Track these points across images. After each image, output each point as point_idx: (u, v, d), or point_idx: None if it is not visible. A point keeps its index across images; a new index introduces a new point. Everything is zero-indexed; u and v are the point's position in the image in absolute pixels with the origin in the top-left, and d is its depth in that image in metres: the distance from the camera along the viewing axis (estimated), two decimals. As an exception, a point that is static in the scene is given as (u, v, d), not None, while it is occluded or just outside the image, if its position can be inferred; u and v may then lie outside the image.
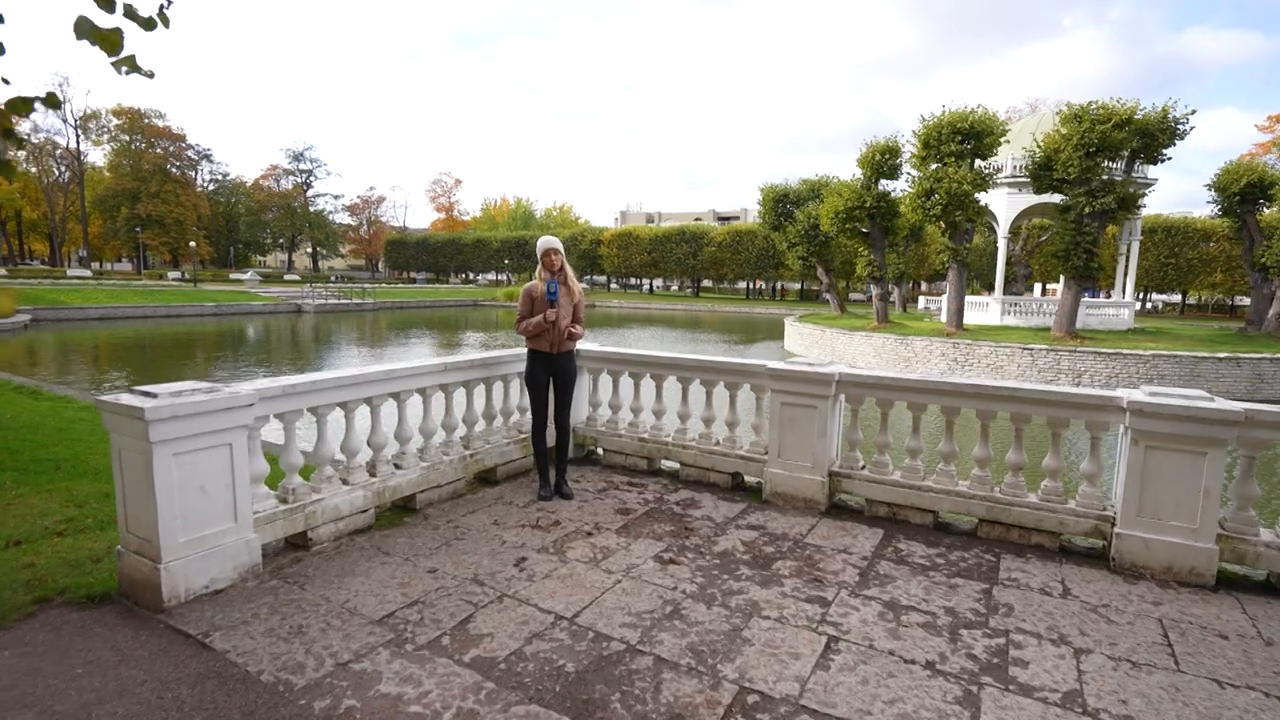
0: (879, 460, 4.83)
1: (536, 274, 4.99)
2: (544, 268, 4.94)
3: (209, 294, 47.44)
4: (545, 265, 4.93)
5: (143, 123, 70.37)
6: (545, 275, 4.94)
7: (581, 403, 6.15)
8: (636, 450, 5.82)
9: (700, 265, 66.32)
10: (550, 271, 4.94)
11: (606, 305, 62.48)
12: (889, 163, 25.80)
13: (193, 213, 72.14)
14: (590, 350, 5.97)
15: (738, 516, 4.81)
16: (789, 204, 35.93)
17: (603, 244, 69.63)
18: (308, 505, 3.97)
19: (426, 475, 4.76)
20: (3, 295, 33.11)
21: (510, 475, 5.56)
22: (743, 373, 5.30)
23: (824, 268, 36.10)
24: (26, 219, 72.39)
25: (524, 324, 4.95)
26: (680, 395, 5.68)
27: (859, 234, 27.66)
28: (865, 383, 4.78)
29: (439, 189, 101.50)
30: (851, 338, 25.38)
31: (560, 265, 4.97)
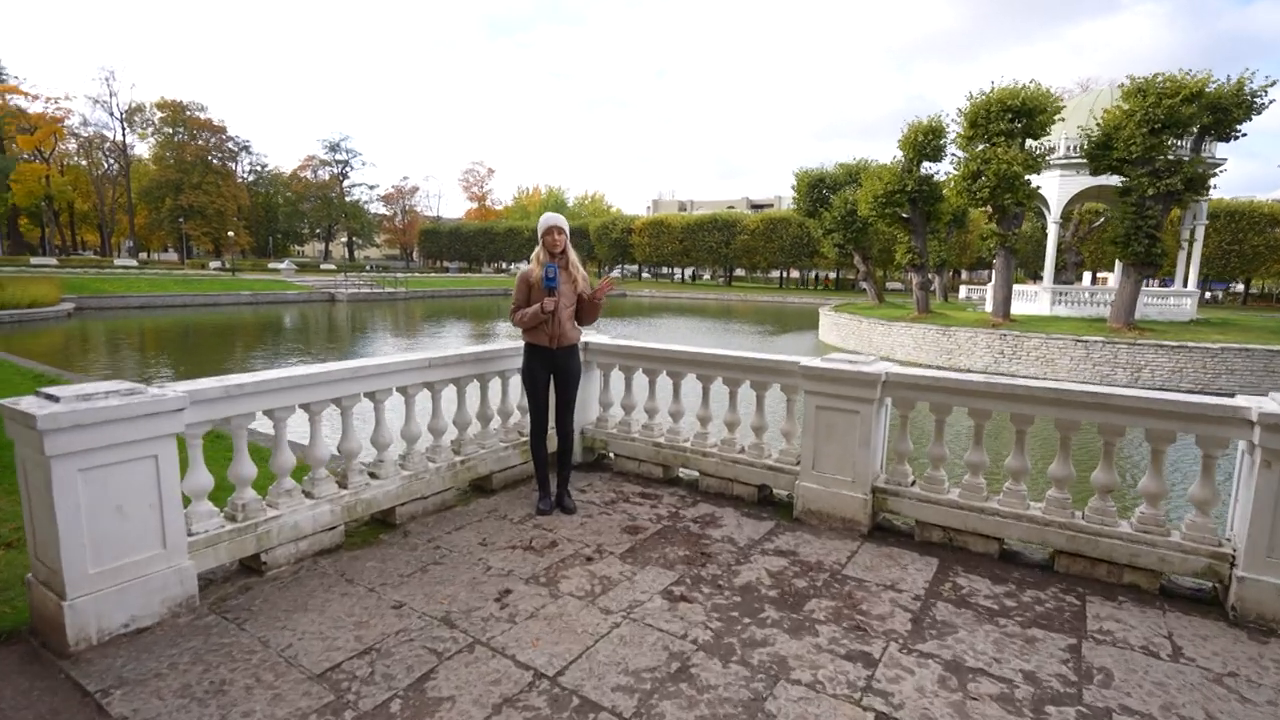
0: (933, 476, 4.09)
1: (534, 257, 4.35)
2: (544, 249, 4.31)
3: (246, 283, 48.17)
4: (546, 246, 4.30)
5: (185, 115, 71.82)
6: (544, 258, 4.31)
7: (591, 402, 5.53)
8: (651, 456, 5.17)
9: (732, 254, 65.11)
10: (551, 253, 4.30)
11: (637, 294, 61.81)
12: (932, 144, 24.48)
13: (233, 203, 73.59)
14: (600, 343, 5.32)
15: (764, 538, 4.13)
16: (825, 189, 34.71)
17: (634, 232, 68.87)
18: (260, 524, 3.42)
19: (408, 486, 4.19)
20: (47, 284, 34.01)
21: (508, 484, 4.96)
22: (772, 370, 4.60)
23: (861, 255, 34.83)
24: (78, 210, 74.73)
25: (519, 314, 4.33)
26: (701, 395, 5.00)
27: (899, 219, 26.42)
28: (918, 384, 4.04)
29: (471, 178, 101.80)
30: (890, 328, 24.26)
31: (563, 247, 4.33)
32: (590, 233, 72.78)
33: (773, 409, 4.87)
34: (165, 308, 39.12)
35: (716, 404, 5.01)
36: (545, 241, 4.29)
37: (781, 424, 4.70)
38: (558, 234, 4.29)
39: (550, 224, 4.29)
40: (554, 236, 4.28)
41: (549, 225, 4.29)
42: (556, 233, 4.29)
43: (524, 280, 4.34)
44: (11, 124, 64.40)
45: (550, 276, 4.19)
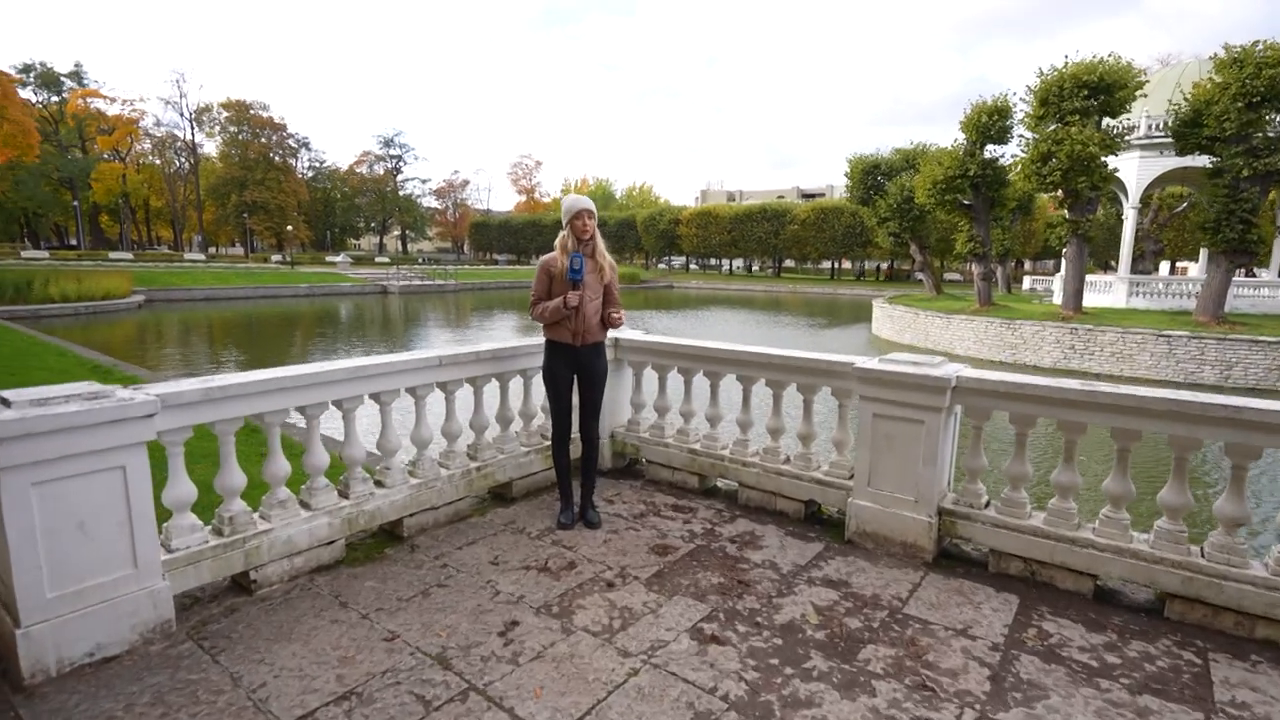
0: (1011, 498, 3.50)
1: (558, 243, 3.93)
2: (571, 234, 3.88)
3: (303, 276, 49.65)
4: (575, 232, 3.87)
5: (249, 114, 74.49)
6: (571, 245, 3.88)
7: (622, 403, 5.10)
8: (686, 465, 4.71)
9: (782, 244, 63.66)
10: (578, 240, 3.87)
11: (685, 286, 61.12)
12: (998, 125, 23.02)
13: (293, 198, 76.07)
14: (631, 339, 4.88)
15: (811, 564, 3.62)
16: (880, 175, 33.32)
17: (681, 223, 68.07)
18: (249, 539, 3.12)
19: (416, 495, 3.85)
20: (120, 277, 35.64)
21: (529, 492, 4.58)
22: (822, 372, 4.07)
23: (918, 245, 33.33)
24: (153, 207, 78.55)
25: (539, 308, 3.92)
26: (741, 398, 4.51)
27: (960, 206, 25.02)
28: (996, 391, 3.44)
29: (520, 171, 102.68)
30: (949, 321, 23.03)
31: (592, 233, 3.89)
32: (637, 224, 72.36)
33: (822, 415, 4.35)
34: (228, 300, 40.59)
35: (758, 408, 4.51)
36: (574, 227, 3.86)
37: (832, 433, 4.16)
38: (588, 218, 3.85)
39: (579, 207, 3.85)
40: (584, 221, 3.84)
41: (578, 209, 3.85)
42: (587, 217, 3.85)
43: (545, 270, 3.93)
44: (92, 126, 68.10)
45: (576, 268, 3.76)
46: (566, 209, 3.88)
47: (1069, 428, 3.33)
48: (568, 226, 3.88)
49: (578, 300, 3.78)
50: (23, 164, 52.18)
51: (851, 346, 24.35)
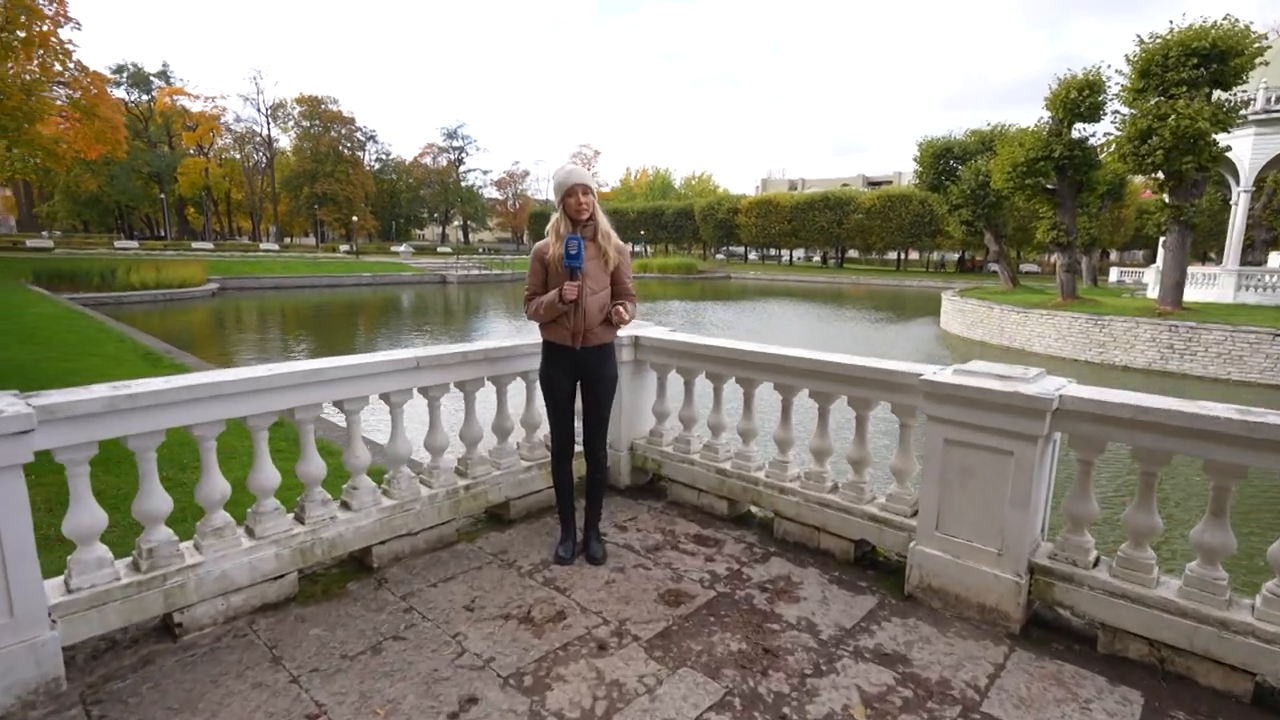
0: (1133, 557, 2.65)
1: (550, 227, 3.28)
2: (564, 214, 3.23)
3: (367, 265, 50.98)
4: (568, 212, 3.21)
5: (320, 108, 77.10)
6: (565, 228, 3.22)
7: (643, 411, 4.43)
8: (713, 486, 4.01)
9: (845, 234, 61.30)
10: (574, 221, 3.22)
11: (742, 277, 59.72)
12: (1088, 101, 20.98)
13: (361, 190, 78.45)
14: (653, 338, 4.20)
15: (860, 627, 2.87)
16: (952, 160, 31.29)
17: (740, 212, 66.47)
18: (172, 575, 2.62)
19: (389, 520, 3.29)
20: (196, 266, 37.35)
21: (530, 513, 3.98)
22: (879, 383, 3.28)
23: (993, 234, 31.17)
24: (233, 199, 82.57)
25: (533, 304, 3.29)
26: (780, 410, 3.76)
27: (1042, 191, 23.06)
28: (1116, 416, 2.59)
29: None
30: (1027, 317, 21.26)
31: (590, 213, 3.23)
32: (695, 213, 71.18)
33: (879, 435, 3.55)
34: (295, 288, 42.00)
35: (801, 424, 3.77)
36: (566, 206, 3.21)
37: (891, 459, 3.38)
38: (582, 195, 3.19)
39: (571, 182, 3.18)
40: (578, 199, 3.18)
41: (569, 184, 3.19)
42: (581, 193, 3.19)
43: (538, 259, 3.29)
44: (178, 122, 71.88)
45: (572, 253, 3.10)
46: (557, 185, 3.21)
47: (1220, 470, 2.46)
48: (560, 206, 3.22)
49: (575, 293, 3.12)
50: (115, 159, 55.48)
51: (916, 343, 22.87)
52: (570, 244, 3.10)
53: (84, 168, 56.64)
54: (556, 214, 3.24)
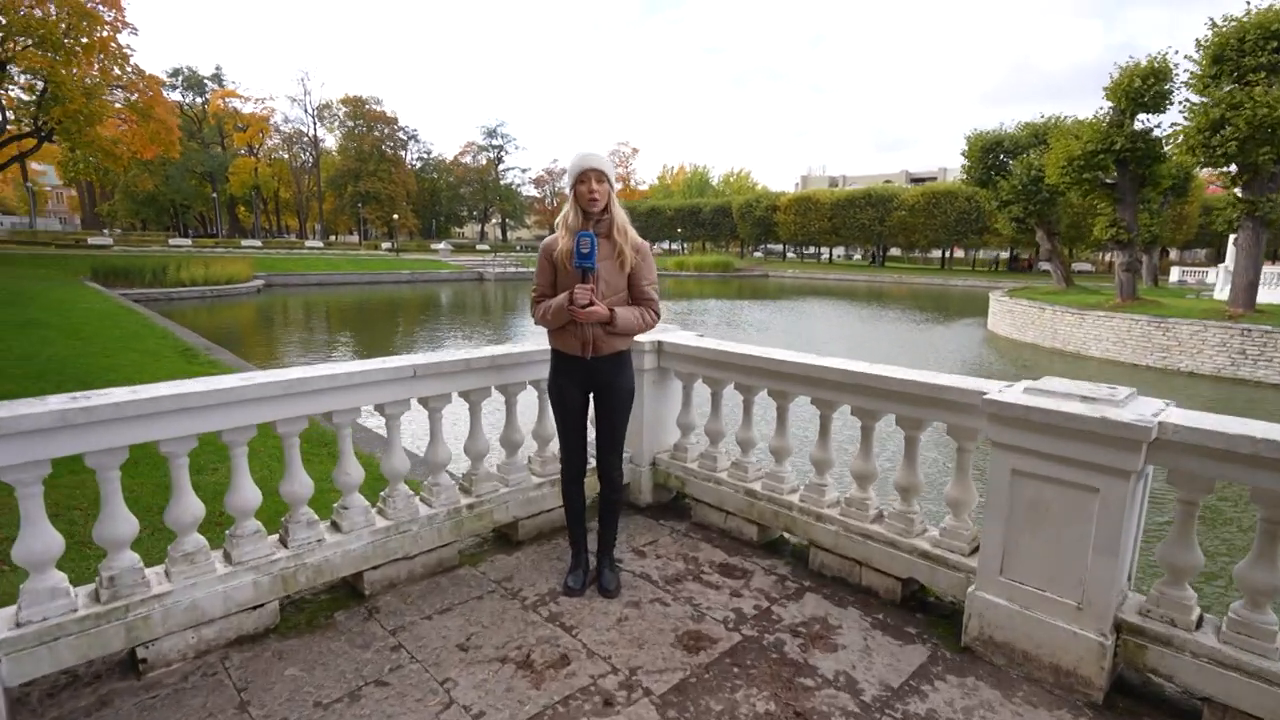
0: (1249, 620, 2.19)
1: (560, 220, 2.94)
2: (575, 207, 2.89)
3: (407, 263, 51.74)
4: (579, 202, 2.87)
5: (364, 109, 78.71)
6: (576, 221, 2.88)
7: (667, 423, 4.08)
8: (742, 509, 3.63)
9: (887, 231, 59.72)
10: (585, 213, 2.87)
11: (780, 275, 58.72)
12: (1153, 90, 19.76)
13: (402, 189, 79.84)
14: (678, 344, 3.83)
15: (909, 686, 2.47)
16: (1003, 153, 30.00)
17: (779, 210, 65.39)
18: (135, 605, 2.38)
19: (383, 543, 3.01)
20: (242, 263, 38.33)
21: (540, 534, 3.66)
22: (932, 400, 2.86)
23: (1045, 231, 29.80)
24: (282, 198, 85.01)
25: (541, 307, 2.96)
26: (818, 428, 3.36)
27: (1100, 186, 21.84)
28: (1233, 451, 2.12)
29: (616, 159, 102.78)
30: (1083, 318, 20.16)
31: (605, 204, 2.88)
32: (733, 211, 70.36)
33: (932, 459, 3.13)
34: (337, 285, 42.83)
35: (841, 444, 3.36)
36: (577, 194, 2.86)
37: (946, 487, 2.95)
38: (596, 182, 2.83)
39: (584, 167, 2.82)
40: (590, 187, 2.83)
41: (582, 168, 2.83)
42: (594, 180, 2.82)
43: (546, 256, 2.96)
44: (230, 124, 74.22)
45: (584, 251, 2.75)
46: (570, 170, 2.87)
47: (1370, 521, 1.98)
48: (571, 195, 2.88)
49: (588, 298, 2.78)
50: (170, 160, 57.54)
51: (961, 345, 21.93)
52: (581, 241, 2.75)
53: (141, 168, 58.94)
54: (568, 205, 2.90)
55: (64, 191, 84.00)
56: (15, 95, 38.90)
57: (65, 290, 23.34)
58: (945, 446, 2.88)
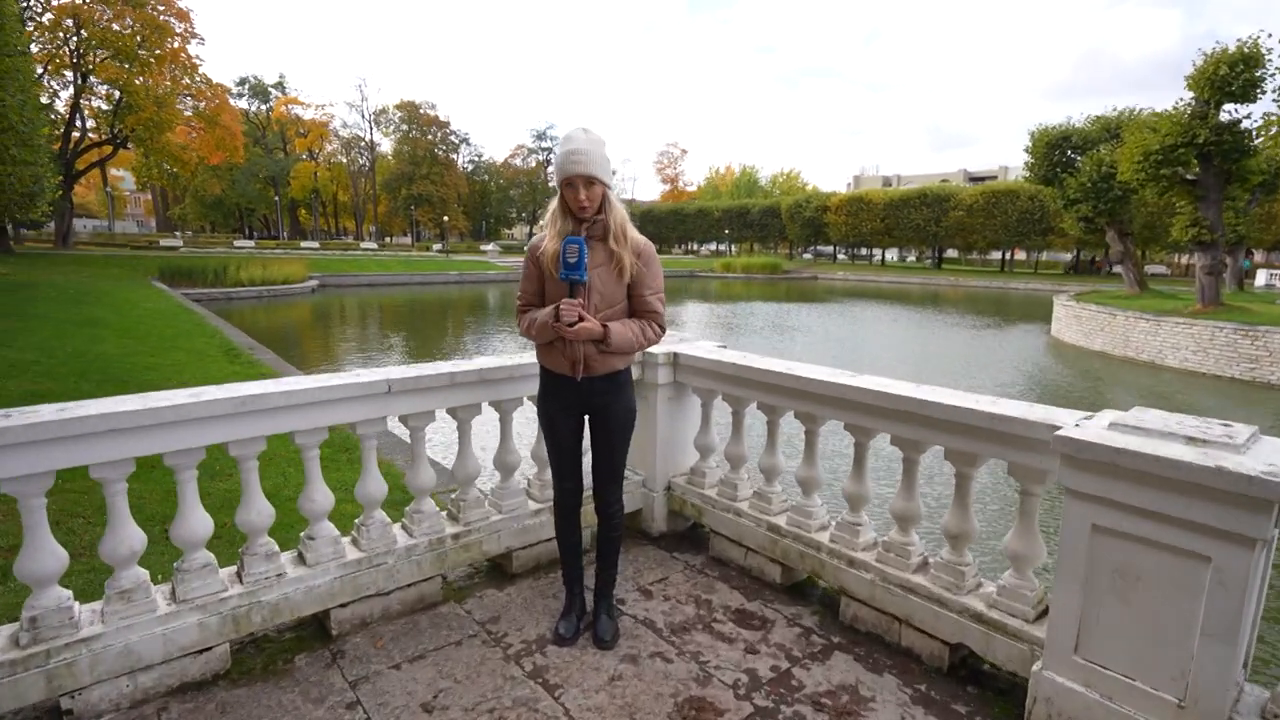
0: None
1: (547, 220, 2.55)
2: (564, 205, 2.50)
3: (455, 264, 52.61)
4: (568, 203, 2.46)
5: (418, 113, 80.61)
6: (563, 224, 2.49)
7: (683, 444, 3.67)
8: (764, 546, 3.19)
9: (943, 232, 57.52)
10: (576, 216, 2.48)
11: (830, 277, 57.28)
12: (1243, 78, 18.18)
13: (454, 191, 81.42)
14: (695, 358, 3.42)
15: (956, 789, 2.00)
16: (1070, 149, 28.34)
17: (829, 210, 63.82)
18: (59, 650, 2.11)
19: (354, 578, 2.70)
20: (298, 264, 39.51)
21: (538, 565, 3.30)
22: (992, 434, 2.36)
23: (1116, 231, 27.99)
24: (340, 201, 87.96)
25: (526, 318, 2.59)
26: (852, 458, 2.90)
27: (1180, 183, 20.28)
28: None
29: (665, 160, 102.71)
30: (1159, 326, 18.72)
31: (599, 204, 2.48)
32: (781, 212, 69.10)
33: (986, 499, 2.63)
34: (388, 285, 43.77)
35: (879, 477, 2.89)
36: (566, 195, 2.47)
37: (1006, 537, 2.45)
38: (584, 188, 2.39)
39: (570, 172, 2.37)
40: (579, 195, 2.39)
41: (568, 173, 2.38)
42: (583, 186, 2.39)
43: (532, 259, 2.58)
44: (292, 129, 77.15)
45: (571, 260, 2.36)
46: (555, 168, 2.46)
47: None
48: (559, 192, 2.49)
49: (576, 314, 2.39)
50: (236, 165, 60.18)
51: (1021, 352, 20.68)
52: (568, 249, 2.36)
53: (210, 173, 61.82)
54: (554, 201, 2.52)
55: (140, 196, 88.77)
56: (96, 105, 41.16)
57: (132, 290, 24.36)
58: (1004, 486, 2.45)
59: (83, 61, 37.37)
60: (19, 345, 10.32)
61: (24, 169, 13.80)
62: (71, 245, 42.20)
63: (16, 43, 13.09)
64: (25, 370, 8.59)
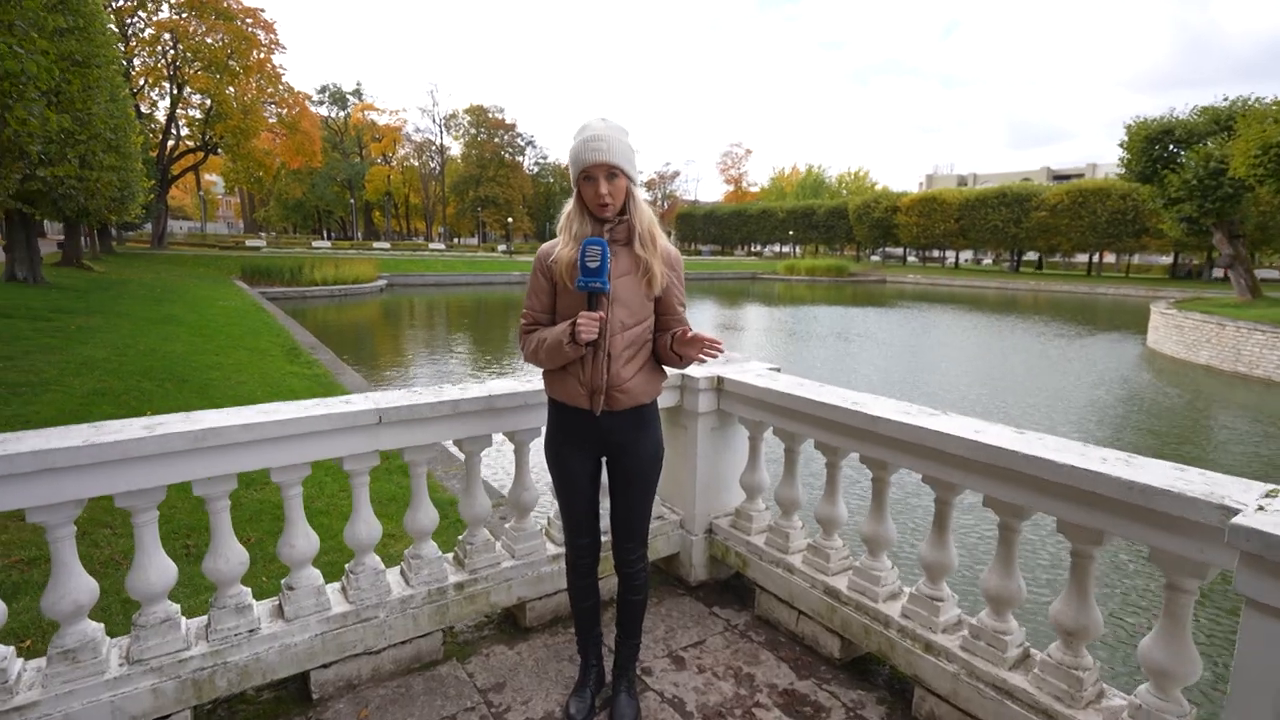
0: None
1: (562, 223, 2.12)
2: (580, 205, 2.08)
3: (518, 264, 53.29)
4: (586, 202, 2.04)
5: (486, 117, 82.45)
6: (578, 226, 2.07)
7: (728, 480, 3.19)
8: (819, 612, 2.67)
9: (1024, 234, 54.33)
10: (595, 217, 2.06)
11: (899, 281, 55.06)
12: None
13: (519, 193, 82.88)
14: (743, 384, 2.93)
15: None
16: (1172, 144, 26.04)
17: (899, 211, 61.38)
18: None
19: (336, 636, 2.35)
20: (368, 264, 40.87)
21: (556, 619, 2.89)
22: (1128, 509, 1.78)
23: (1225, 233, 25.51)
24: (411, 203, 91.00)
25: (533, 339, 2.15)
26: (934, 517, 2.36)
27: (1306, 179, 18.19)
28: None
29: (729, 160, 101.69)
30: (1278, 339, 16.80)
31: (623, 203, 2.05)
32: (849, 213, 66.97)
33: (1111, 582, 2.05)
34: (453, 285, 44.78)
35: (968, 544, 2.35)
36: (582, 194, 2.04)
37: (1144, 641, 1.87)
38: (606, 180, 1.97)
39: (589, 161, 1.95)
40: (599, 190, 1.98)
41: (586, 161, 1.96)
42: (604, 178, 1.97)
43: (541, 268, 2.17)
44: (367, 134, 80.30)
45: (592, 265, 1.94)
46: (571, 160, 2.03)
47: None
48: (575, 191, 2.07)
49: (595, 331, 1.97)
50: (315, 169, 63.12)
51: (1111, 365, 18.98)
52: (589, 251, 1.94)
53: (291, 177, 65.05)
54: (570, 202, 2.10)
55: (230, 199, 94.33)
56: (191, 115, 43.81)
57: (213, 288, 25.59)
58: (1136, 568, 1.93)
59: (179, 74, 39.80)
60: (95, 342, 10.74)
61: (110, 174, 14.48)
62: (166, 245, 45.00)
63: (106, 56, 13.71)
64: (95, 368, 8.86)
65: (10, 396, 6.94)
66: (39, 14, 7.47)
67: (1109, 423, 12.01)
